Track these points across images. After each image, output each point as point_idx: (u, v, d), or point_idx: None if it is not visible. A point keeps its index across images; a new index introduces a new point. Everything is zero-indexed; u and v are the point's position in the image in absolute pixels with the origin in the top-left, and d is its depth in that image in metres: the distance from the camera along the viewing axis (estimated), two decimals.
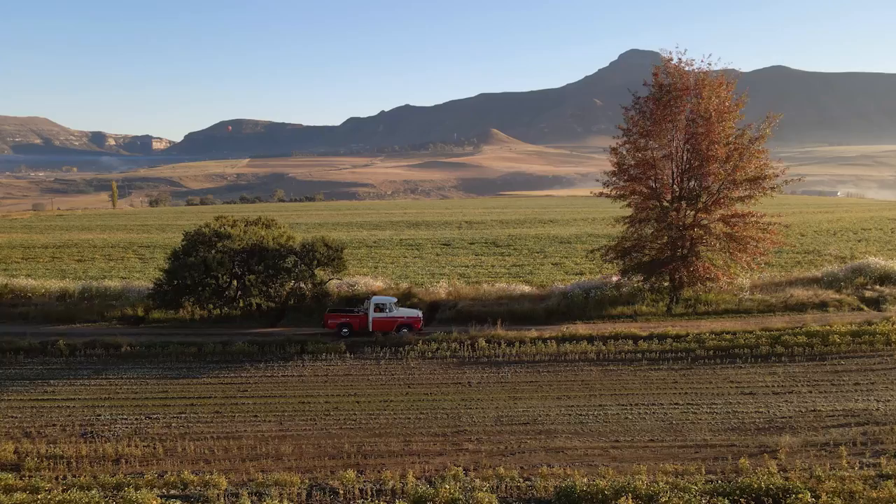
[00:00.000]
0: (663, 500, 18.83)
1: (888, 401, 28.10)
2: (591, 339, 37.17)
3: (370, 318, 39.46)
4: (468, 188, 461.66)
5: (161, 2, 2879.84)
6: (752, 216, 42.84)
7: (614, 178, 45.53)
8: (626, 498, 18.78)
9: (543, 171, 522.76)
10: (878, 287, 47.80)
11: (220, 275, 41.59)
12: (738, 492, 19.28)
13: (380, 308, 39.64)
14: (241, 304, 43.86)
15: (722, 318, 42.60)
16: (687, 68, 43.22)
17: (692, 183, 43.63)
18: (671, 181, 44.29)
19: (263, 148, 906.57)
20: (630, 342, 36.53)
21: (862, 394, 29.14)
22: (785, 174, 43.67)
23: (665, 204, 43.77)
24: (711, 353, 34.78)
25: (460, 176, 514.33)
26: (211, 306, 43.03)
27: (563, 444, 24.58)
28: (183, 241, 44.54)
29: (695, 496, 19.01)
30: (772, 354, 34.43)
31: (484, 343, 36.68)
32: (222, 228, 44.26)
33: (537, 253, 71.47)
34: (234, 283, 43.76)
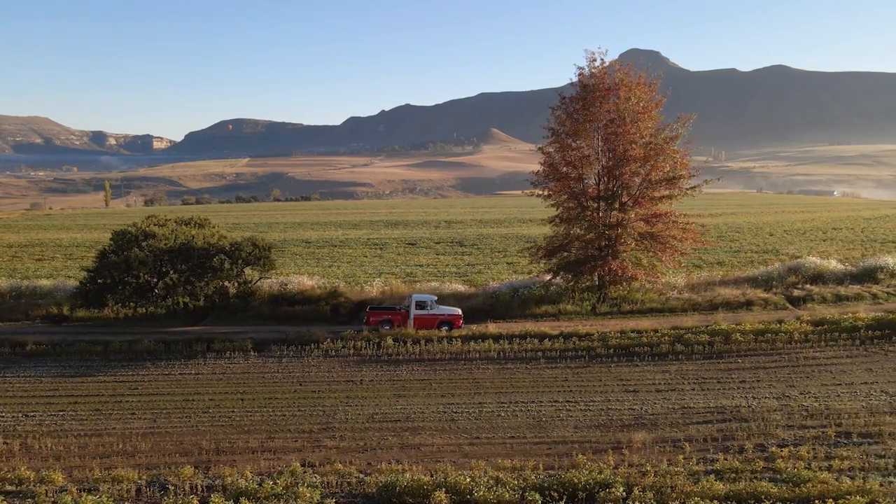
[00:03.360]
0: (478, 494, 19.09)
1: (763, 398, 28.21)
2: (497, 337, 37.30)
3: (411, 316, 39.85)
4: (467, 188, 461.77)
5: (162, 2, 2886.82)
6: (671, 216, 43.05)
7: (543, 179, 45.81)
8: (441, 492, 19.05)
9: None
10: (808, 286, 47.90)
11: (141, 273, 41.88)
12: (555, 486, 19.48)
13: (420, 305, 40.00)
14: (168, 303, 44.22)
15: (645, 316, 42.70)
16: (610, 69, 43.52)
17: (613, 183, 43.81)
18: (596, 181, 44.51)
19: (264, 147, 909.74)
20: (536, 341, 36.62)
21: (742, 391, 29.27)
22: (699, 173, 43.88)
23: (586, 203, 43.98)
24: (612, 351, 34.92)
25: (459, 175, 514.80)
26: (133, 305, 43.38)
27: (423, 441, 24.77)
28: (110, 239, 44.95)
29: (508, 490, 19.23)
30: (671, 353, 34.57)
31: (391, 342, 36.89)
32: (149, 227, 44.65)
33: (498, 252, 71.77)
34: (160, 281, 44.07)
